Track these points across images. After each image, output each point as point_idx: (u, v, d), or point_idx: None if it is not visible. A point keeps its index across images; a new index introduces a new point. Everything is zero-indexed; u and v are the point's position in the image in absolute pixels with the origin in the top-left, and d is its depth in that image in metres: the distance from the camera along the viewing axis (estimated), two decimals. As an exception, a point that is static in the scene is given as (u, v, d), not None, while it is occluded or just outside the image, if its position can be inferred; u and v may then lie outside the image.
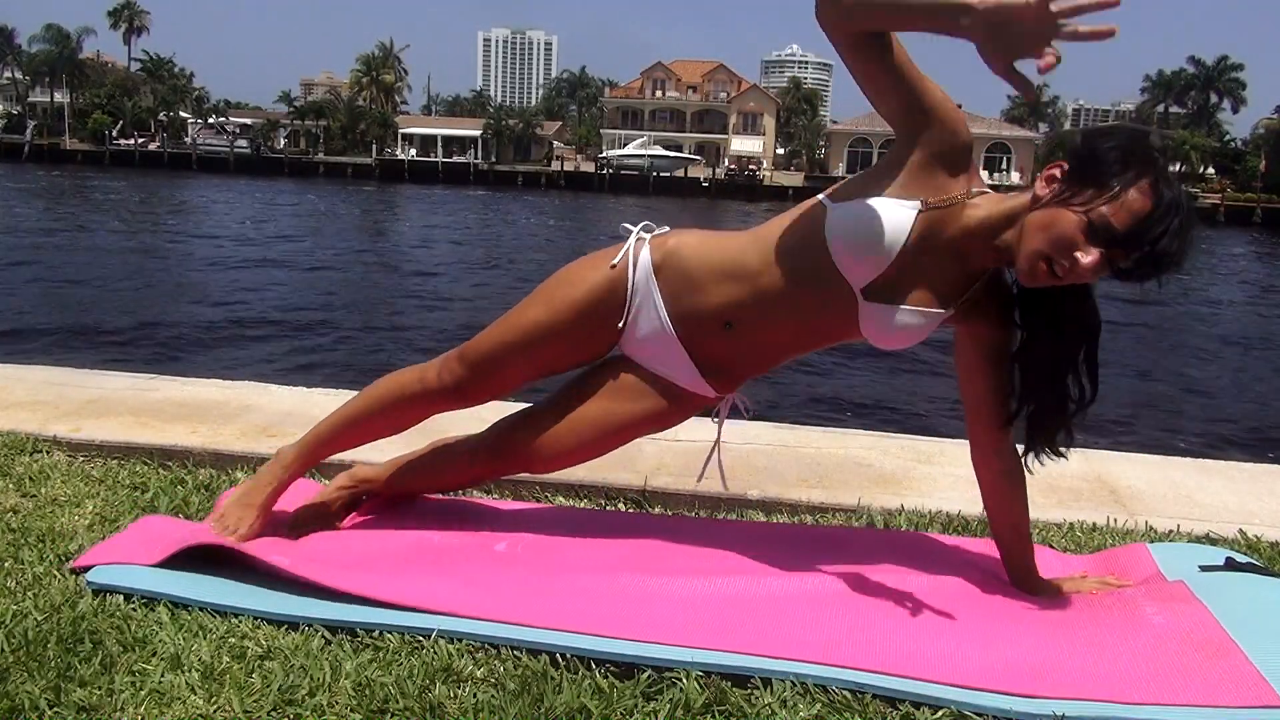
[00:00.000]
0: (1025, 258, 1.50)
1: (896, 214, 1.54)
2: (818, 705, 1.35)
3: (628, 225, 1.83)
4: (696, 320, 1.72)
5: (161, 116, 63.88)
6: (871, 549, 1.89)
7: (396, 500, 2.10)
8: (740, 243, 1.72)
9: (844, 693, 1.37)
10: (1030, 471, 1.69)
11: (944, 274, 1.59)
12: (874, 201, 1.56)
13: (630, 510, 2.29)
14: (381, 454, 2.10)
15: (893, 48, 1.49)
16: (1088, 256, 1.44)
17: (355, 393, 1.98)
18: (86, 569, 1.70)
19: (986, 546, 1.87)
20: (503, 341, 1.82)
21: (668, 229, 1.82)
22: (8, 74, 66.90)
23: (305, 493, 2.06)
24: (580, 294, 1.77)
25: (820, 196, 1.65)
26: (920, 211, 1.54)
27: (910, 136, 1.55)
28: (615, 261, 1.76)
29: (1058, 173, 1.51)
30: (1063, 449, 1.64)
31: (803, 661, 1.42)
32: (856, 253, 1.57)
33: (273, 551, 1.77)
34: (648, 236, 1.79)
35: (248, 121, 67.99)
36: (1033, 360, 1.62)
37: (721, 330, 1.71)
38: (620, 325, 1.76)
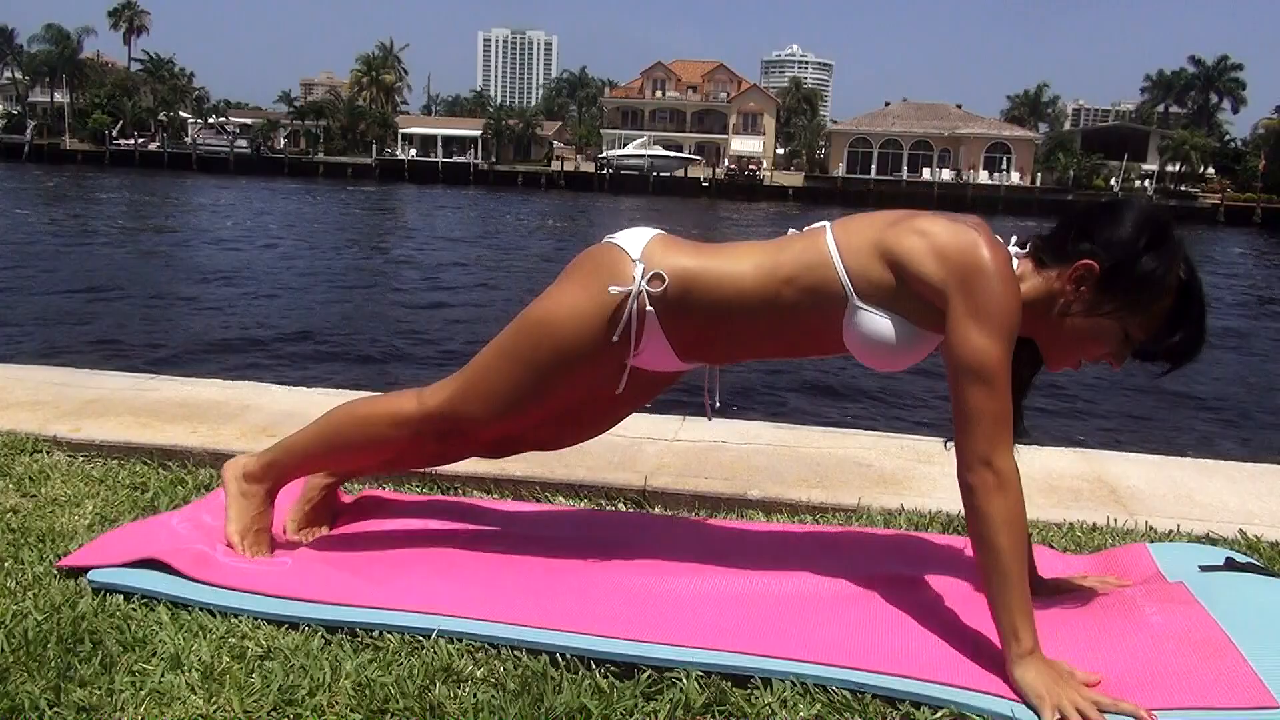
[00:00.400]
0: (1060, 360, 1.57)
1: (922, 343, 1.54)
2: (818, 705, 1.35)
3: (620, 245, 1.65)
4: (695, 343, 1.65)
5: (161, 116, 63.86)
6: (871, 549, 1.89)
7: (391, 502, 2.10)
8: (743, 273, 1.59)
9: (844, 693, 1.37)
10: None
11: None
12: (900, 329, 1.52)
13: (630, 510, 2.29)
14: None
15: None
16: (1119, 362, 1.53)
17: (355, 393, 1.96)
18: (76, 568, 1.70)
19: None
20: (496, 395, 1.68)
21: (651, 236, 1.67)
22: (7, 74, 66.88)
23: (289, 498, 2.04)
24: (583, 344, 1.63)
25: (837, 262, 1.53)
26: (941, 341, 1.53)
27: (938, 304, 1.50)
28: (617, 332, 1.61)
29: (1084, 274, 1.49)
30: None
31: (803, 661, 1.42)
32: (876, 362, 1.57)
33: (274, 563, 1.78)
34: (641, 266, 1.61)
35: (248, 121, 67.96)
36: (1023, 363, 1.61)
37: (718, 348, 1.67)
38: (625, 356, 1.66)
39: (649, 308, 1.61)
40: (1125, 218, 1.49)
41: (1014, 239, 1.60)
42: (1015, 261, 1.55)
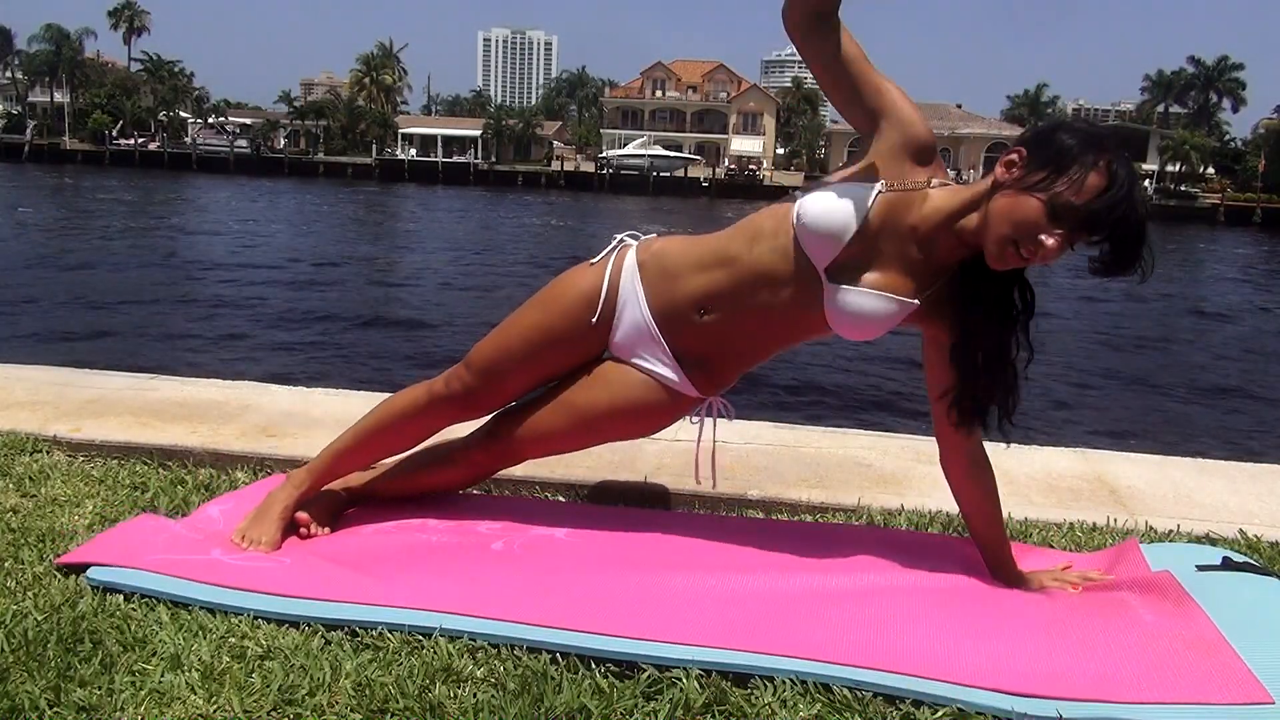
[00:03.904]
0: (993, 242, 1.57)
1: (856, 193, 1.64)
2: (818, 705, 1.35)
3: (620, 236, 1.92)
4: (674, 310, 1.80)
5: (161, 116, 63.83)
6: (871, 548, 1.89)
7: (391, 501, 2.10)
8: (721, 236, 1.81)
9: (844, 692, 1.37)
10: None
11: (908, 261, 1.66)
12: (837, 185, 1.66)
13: (630, 510, 2.29)
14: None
15: (844, 44, 1.61)
16: (1051, 238, 1.52)
17: (355, 393, 2.01)
18: (76, 566, 1.70)
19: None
20: (503, 347, 1.89)
21: (654, 235, 1.91)
22: (7, 74, 66.85)
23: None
24: (570, 298, 1.86)
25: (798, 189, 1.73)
26: (880, 193, 1.63)
27: (871, 129, 1.66)
28: (594, 261, 1.87)
29: (1016, 158, 1.57)
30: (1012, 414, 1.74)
31: (803, 659, 1.42)
32: (818, 229, 1.65)
33: (273, 562, 1.78)
34: (633, 243, 1.90)
35: (248, 121, 67.94)
36: (985, 345, 1.68)
37: (696, 318, 1.78)
38: (609, 325, 1.84)
39: (631, 259, 1.84)
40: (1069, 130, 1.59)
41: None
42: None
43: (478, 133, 65.38)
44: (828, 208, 1.64)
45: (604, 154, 60.92)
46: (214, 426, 2.64)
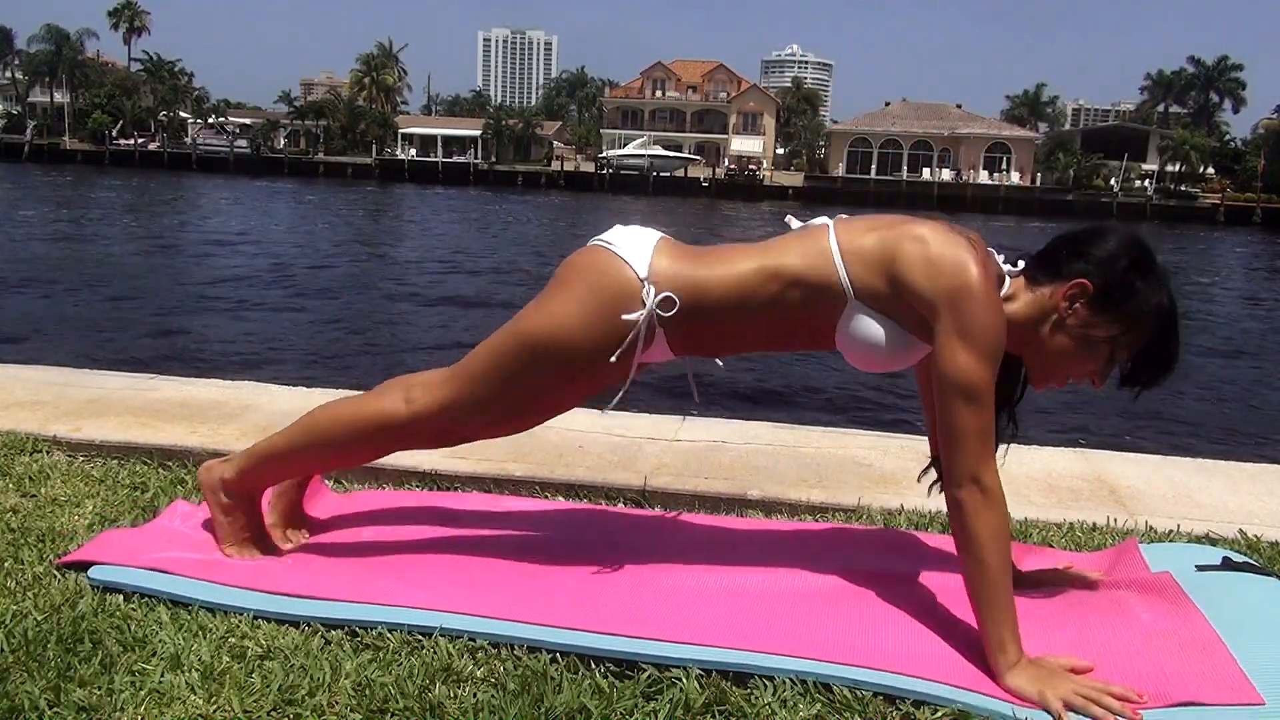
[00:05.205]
0: (1045, 374, 1.60)
1: (912, 350, 1.57)
2: (818, 704, 1.35)
3: (619, 254, 1.61)
4: (692, 343, 1.65)
5: (161, 116, 63.82)
6: (872, 548, 1.89)
7: (390, 500, 2.10)
8: (745, 275, 1.59)
9: (844, 692, 1.37)
10: None
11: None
12: (892, 333, 1.55)
13: (630, 510, 2.29)
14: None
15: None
16: (1101, 381, 1.57)
17: (356, 393, 1.91)
18: (77, 565, 1.70)
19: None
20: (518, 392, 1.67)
21: (653, 245, 1.63)
22: (7, 74, 66.85)
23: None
24: (581, 365, 1.63)
25: (838, 262, 1.55)
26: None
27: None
28: (617, 354, 1.59)
29: (1079, 292, 1.53)
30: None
31: (803, 659, 1.42)
32: (863, 362, 1.60)
33: (273, 561, 1.78)
34: (654, 305, 1.58)
35: (247, 121, 67.91)
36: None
37: (709, 342, 1.66)
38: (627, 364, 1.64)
39: (658, 327, 1.60)
40: (1112, 240, 1.55)
41: (1002, 258, 1.62)
42: (1008, 281, 1.58)
43: (478, 133, 65.37)
44: (881, 355, 1.56)
45: (604, 154, 60.90)
46: (214, 426, 2.64)
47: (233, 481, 1.81)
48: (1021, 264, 1.61)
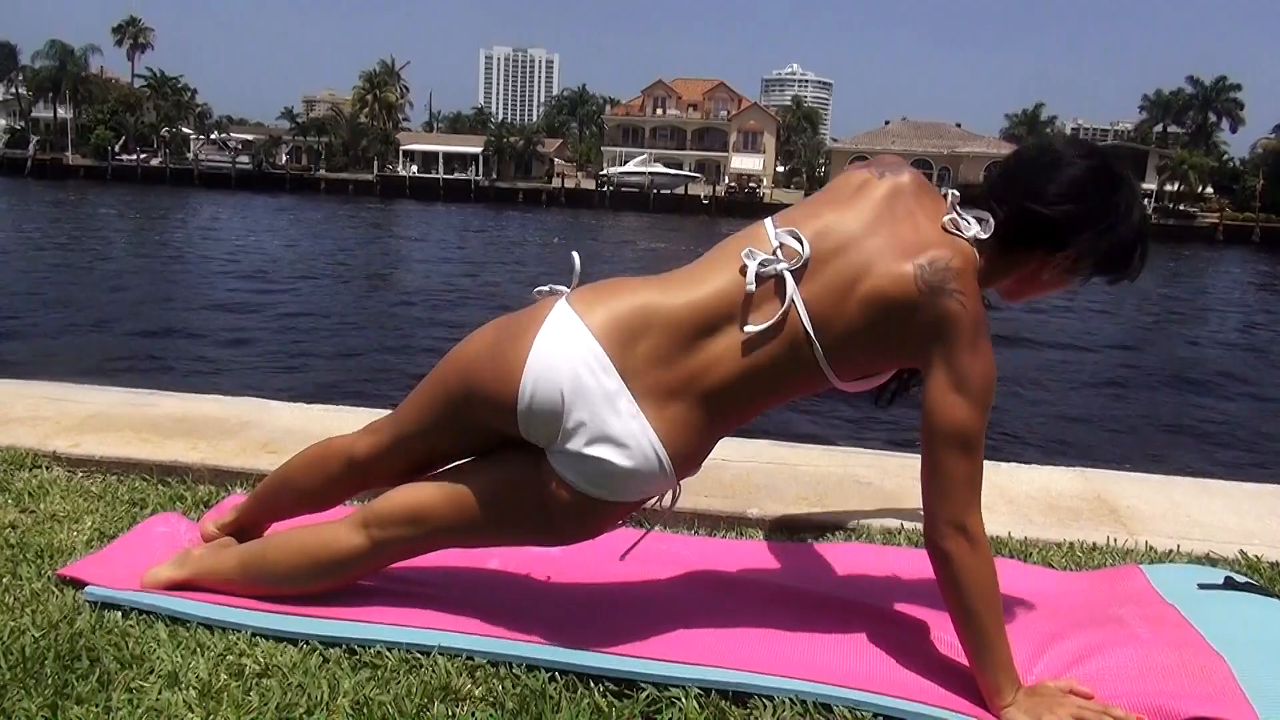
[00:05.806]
0: (1017, 295, 1.57)
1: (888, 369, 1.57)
2: (817, 725, 1.34)
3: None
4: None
5: (164, 132, 64.09)
6: (871, 568, 1.89)
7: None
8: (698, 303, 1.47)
9: (844, 712, 1.36)
10: None
11: None
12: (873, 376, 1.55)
13: (628, 528, 2.28)
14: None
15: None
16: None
17: (355, 410, 1.92)
18: (76, 580, 1.70)
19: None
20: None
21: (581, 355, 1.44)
22: (11, 90, 67.15)
23: None
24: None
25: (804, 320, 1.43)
26: None
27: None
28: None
29: (1069, 266, 1.49)
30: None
31: (803, 679, 1.41)
32: (850, 389, 1.55)
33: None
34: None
35: (250, 138, 68.20)
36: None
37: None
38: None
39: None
40: (1090, 196, 1.45)
41: (954, 195, 1.53)
42: (978, 256, 1.46)
43: (479, 150, 65.62)
44: (865, 384, 1.56)
45: (605, 171, 61.16)
46: (214, 443, 2.64)
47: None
48: (988, 222, 1.47)
